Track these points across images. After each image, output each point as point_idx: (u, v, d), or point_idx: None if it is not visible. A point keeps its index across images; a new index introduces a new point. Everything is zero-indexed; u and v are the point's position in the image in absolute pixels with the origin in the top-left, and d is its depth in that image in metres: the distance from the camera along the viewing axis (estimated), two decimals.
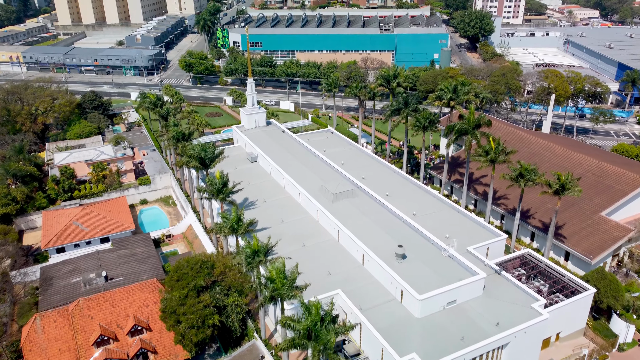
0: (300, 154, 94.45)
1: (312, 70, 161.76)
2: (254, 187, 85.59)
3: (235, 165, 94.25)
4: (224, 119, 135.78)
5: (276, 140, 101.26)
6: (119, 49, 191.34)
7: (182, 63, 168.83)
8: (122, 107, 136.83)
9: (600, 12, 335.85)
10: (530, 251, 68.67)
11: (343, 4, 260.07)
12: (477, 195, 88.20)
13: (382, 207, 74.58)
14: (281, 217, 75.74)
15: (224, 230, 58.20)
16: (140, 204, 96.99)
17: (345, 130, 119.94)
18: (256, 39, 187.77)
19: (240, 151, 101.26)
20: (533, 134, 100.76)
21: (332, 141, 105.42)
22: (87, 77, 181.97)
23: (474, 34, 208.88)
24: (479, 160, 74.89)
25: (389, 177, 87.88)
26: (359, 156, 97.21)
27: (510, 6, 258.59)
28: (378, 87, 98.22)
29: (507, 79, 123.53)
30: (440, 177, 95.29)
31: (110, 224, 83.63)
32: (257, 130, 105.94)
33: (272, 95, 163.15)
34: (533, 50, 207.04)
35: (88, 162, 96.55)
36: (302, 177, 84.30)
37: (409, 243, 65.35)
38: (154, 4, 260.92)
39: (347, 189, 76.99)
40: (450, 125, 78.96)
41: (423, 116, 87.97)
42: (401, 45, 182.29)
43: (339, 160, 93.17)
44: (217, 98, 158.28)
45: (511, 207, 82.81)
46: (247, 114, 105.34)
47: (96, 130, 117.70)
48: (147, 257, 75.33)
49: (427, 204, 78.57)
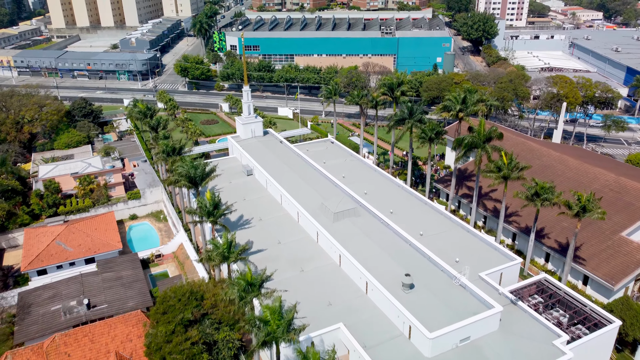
0: (298, 167, 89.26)
1: (311, 75, 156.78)
2: (249, 204, 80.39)
3: (230, 179, 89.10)
4: (220, 127, 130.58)
5: (273, 151, 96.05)
6: (112, 53, 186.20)
7: (177, 68, 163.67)
8: (113, 114, 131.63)
9: (604, 14, 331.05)
10: (547, 276, 63.41)
11: (343, 6, 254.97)
12: (487, 212, 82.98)
13: (387, 228, 69.34)
14: (278, 238, 70.52)
15: (214, 258, 52.95)
16: (130, 219, 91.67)
17: (345, 139, 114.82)
18: (254, 42, 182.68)
19: (236, 163, 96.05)
20: (544, 144, 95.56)
21: (332, 152, 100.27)
22: (79, 82, 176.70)
23: (477, 37, 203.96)
24: (491, 176, 69.74)
25: (392, 192, 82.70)
26: (361, 168, 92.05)
27: (514, 8, 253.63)
28: (381, 95, 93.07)
29: (515, 85, 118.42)
30: (447, 190, 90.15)
31: (96, 244, 78.33)
32: (253, 140, 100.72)
33: (270, 101, 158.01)
34: (538, 54, 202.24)
35: (74, 176, 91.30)
36: (301, 192, 79.13)
37: (416, 269, 60.15)
38: (150, 6, 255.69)
39: (348, 208, 71.73)
40: (459, 139, 73.78)
41: (429, 127, 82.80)
42: (403, 48, 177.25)
43: (339, 173, 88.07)
44: (213, 104, 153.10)
45: (523, 225, 77.62)
46: (242, 123, 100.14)
47: (85, 139, 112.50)
48: (133, 280, 70.11)
49: (434, 222, 73.36)
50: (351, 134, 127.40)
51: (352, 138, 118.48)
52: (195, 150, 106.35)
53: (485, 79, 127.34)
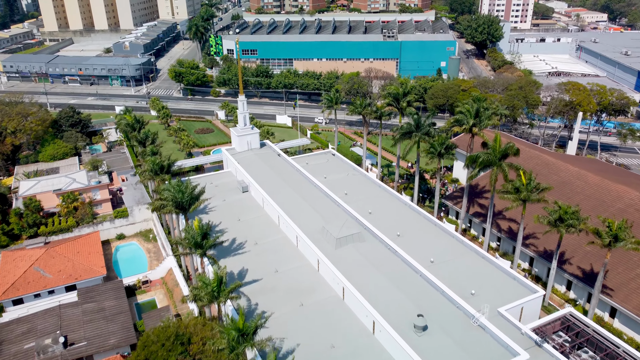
0: (297, 183, 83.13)
1: (311, 81, 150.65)
2: (244, 225, 74.24)
3: (224, 196, 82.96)
4: (215, 136, 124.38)
5: (271, 165, 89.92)
6: (105, 58, 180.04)
7: (171, 73, 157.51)
8: (103, 123, 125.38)
9: (609, 15, 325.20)
10: (572, 311, 57.34)
11: (343, 8, 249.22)
12: (501, 232, 76.82)
13: (394, 255, 63.21)
14: (275, 265, 64.34)
15: (201, 297, 46.79)
16: (117, 239, 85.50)
17: (347, 150, 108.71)
18: (251, 46, 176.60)
19: (230, 178, 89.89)
20: (560, 157, 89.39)
21: (334, 165, 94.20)
22: (70, 88, 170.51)
23: (482, 40, 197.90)
24: (508, 198, 63.60)
25: (398, 211, 76.65)
26: (364, 184, 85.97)
27: (518, 10, 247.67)
28: (386, 106, 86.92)
29: (525, 92, 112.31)
30: (457, 208, 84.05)
31: (78, 269, 72.13)
32: (249, 153, 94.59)
33: (268, 108, 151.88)
34: (544, 57, 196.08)
35: (57, 192, 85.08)
36: (300, 213, 73.02)
37: (429, 306, 54.03)
38: (145, 8, 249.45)
39: (352, 233, 65.55)
40: (473, 157, 67.65)
41: (438, 142, 76.68)
42: (406, 53, 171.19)
43: (341, 190, 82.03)
44: (209, 111, 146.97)
45: (541, 248, 71.49)
46: (238, 135, 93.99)
47: (72, 151, 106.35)
48: (117, 312, 63.91)
49: (445, 247, 67.25)
50: (353, 143, 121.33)
51: (354, 149, 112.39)
52: (188, 163, 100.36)
53: (494, 86, 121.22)
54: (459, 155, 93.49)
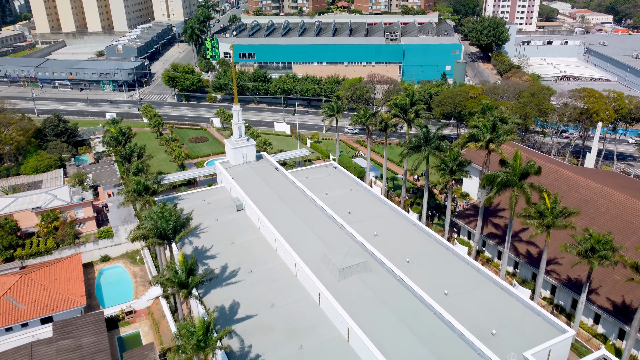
0: (296, 201, 76.62)
1: (310, 86, 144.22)
2: (238, 249, 67.73)
3: (217, 215, 76.46)
4: (210, 146, 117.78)
5: (267, 180, 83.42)
6: (96, 61, 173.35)
7: (165, 77, 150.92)
8: (91, 132, 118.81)
9: (614, 16, 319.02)
10: (606, 354, 50.80)
11: (344, 10, 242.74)
12: (519, 257, 70.27)
13: (403, 287, 56.71)
14: (271, 299, 57.79)
15: (185, 349, 40.20)
16: (101, 261, 78.89)
17: (349, 161, 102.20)
18: (249, 49, 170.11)
19: (224, 194, 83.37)
20: (579, 172, 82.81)
21: (335, 179, 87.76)
22: (60, 93, 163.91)
23: (487, 43, 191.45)
24: (531, 224, 57.10)
25: (407, 233, 70.19)
26: (368, 201, 79.49)
27: (523, 12, 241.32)
28: (392, 117, 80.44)
29: (539, 100, 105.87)
30: (469, 228, 77.54)
31: (55, 299, 65.57)
32: (244, 167, 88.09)
33: (266, 115, 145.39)
34: (552, 61, 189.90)
35: (37, 211, 78.50)
36: (299, 236, 66.60)
37: (445, 350, 47.55)
38: (140, 10, 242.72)
39: (357, 262, 59.00)
40: (490, 176, 61.13)
41: (450, 157, 70.24)
42: (409, 56, 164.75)
43: (344, 208, 75.64)
44: (204, 118, 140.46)
45: (565, 275, 65.00)
46: (233, 147, 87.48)
47: (57, 162, 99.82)
48: (96, 351, 57.41)
49: (459, 275, 60.79)
50: (355, 153, 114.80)
51: (356, 160, 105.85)
52: (179, 176, 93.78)
53: (504, 93, 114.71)
54: (472, 169, 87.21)
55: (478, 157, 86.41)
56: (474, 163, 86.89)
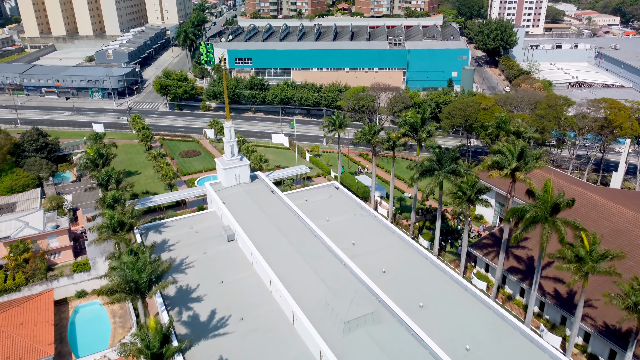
0: (294, 231, 68.56)
1: (310, 95, 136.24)
2: (228, 289, 59.71)
3: (206, 246, 68.45)
4: (202, 161, 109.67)
5: (262, 206, 75.32)
6: (85, 68, 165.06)
7: (156, 85, 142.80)
8: (74, 145, 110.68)
9: (621, 18, 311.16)
10: None
11: (344, 12, 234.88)
12: (545, 296, 62.13)
13: (419, 344, 48.64)
14: (266, 356, 49.67)
15: None
16: (77, 297, 70.71)
17: (352, 180, 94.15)
18: (245, 55, 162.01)
19: (214, 221, 75.30)
20: (608, 195, 74.55)
21: (337, 202, 79.81)
22: (47, 101, 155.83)
23: (495, 47, 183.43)
24: (567, 269, 49.01)
25: (418, 269, 62.32)
26: (374, 229, 71.54)
27: (530, 14, 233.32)
28: (401, 136, 72.30)
29: (557, 111, 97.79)
30: (487, 260, 69.38)
31: (19, 349, 57.41)
32: (237, 189, 80.00)
33: (263, 124, 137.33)
34: (562, 66, 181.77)
35: (5, 241, 70.47)
36: (297, 276, 58.61)
37: None
38: (133, 13, 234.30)
39: (364, 313, 50.88)
40: (516, 210, 53.04)
41: (467, 183, 62.21)
42: (414, 62, 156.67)
43: (347, 238, 67.78)
44: (197, 129, 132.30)
45: (601, 321, 56.83)
46: (224, 168, 79.41)
47: (34, 181, 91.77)
48: None
49: (481, 323, 52.82)
50: (358, 169, 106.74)
51: (360, 178, 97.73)
52: (167, 198, 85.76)
53: (518, 103, 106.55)
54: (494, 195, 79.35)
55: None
56: (492, 185, 78.94)
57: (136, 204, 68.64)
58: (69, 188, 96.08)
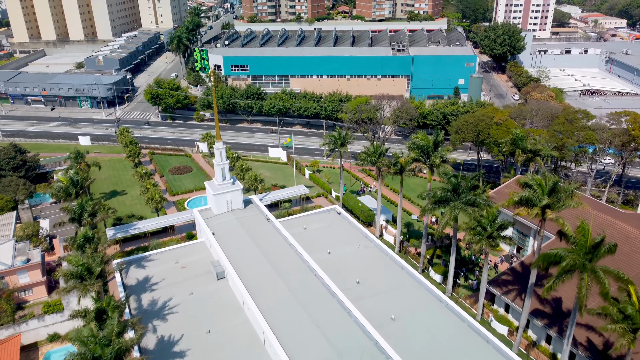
0: (291, 269, 61.03)
1: (309, 104, 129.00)
2: (215, 341, 52.22)
3: (193, 285, 61.03)
4: (193, 178, 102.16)
5: (256, 238, 67.77)
6: (73, 75, 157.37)
7: (147, 94, 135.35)
8: (56, 162, 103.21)
9: (628, 21, 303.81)
10: None
11: (345, 15, 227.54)
12: (577, 347, 54.62)
13: None
14: None
15: None
16: (48, 341, 63.18)
17: (355, 201, 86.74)
18: (242, 61, 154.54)
19: (203, 253, 67.82)
20: (636, 222, 67.23)
21: (339, 230, 72.42)
22: (33, 110, 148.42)
23: (502, 52, 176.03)
24: (613, 330, 41.56)
25: (433, 315, 54.92)
26: (381, 264, 64.14)
27: (537, 17, 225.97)
28: (411, 161, 64.75)
29: (576, 127, 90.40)
30: (508, 300, 61.83)
31: None
32: (229, 217, 72.49)
33: (260, 136, 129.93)
34: (572, 72, 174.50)
35: None
36: (295, 328, 51.13)
37: None
38: (126, 17, 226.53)
39: None
40: (549, 256, 45.55)
41: (488, 218, 54.75)
42: (418, 69, 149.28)
43: (352, 275, 60.57)
44: (190, 141, 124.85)
45: None
46: (215, 193, 71.90)
47: (10, 204, 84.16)
48: None
49: None
50: (362, 187, 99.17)
51: (363, 199, 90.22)
52: (152, 224, 78.25)
53: (532, 117, 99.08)
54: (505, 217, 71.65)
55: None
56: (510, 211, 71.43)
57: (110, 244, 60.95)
58: (48, 211, 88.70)
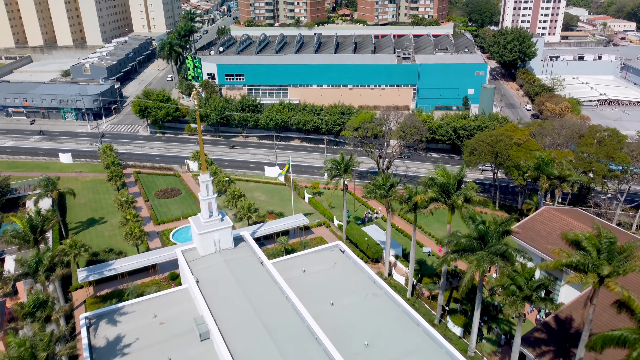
0: (288, 331, 51.56)
1: (309, 117, 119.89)
2: None
3: (172, 349, 51.47)
4: (181, 203, 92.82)
5: (247, 288, 58.24)
6: (57, 85, 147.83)
7: (135, 107, 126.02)
8: (29, 185, 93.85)
9: (637, 24, 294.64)
10: None
11: (346, 19, 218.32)
12: None
13: None
14: None
15: None
16: None
17: (360, 234, 77.48)
18: (237, 70, 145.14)
19: (186, 304, 58.31)
20: None
21: (343, 273, 62.93)
22: (14, 123, 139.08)
23: (512, 59, 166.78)
24: None
25: None
26: (392, 319, 54.52)
27: (546, 21, 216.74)
28: (429, 201, 55.22)
29: (607, 149, 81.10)
30: None
31: None
32: (216, 259, 63.04)
33: (255, 152, 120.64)
34: (587, 80, 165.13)
35: None
36: None
37: None
38: (117, 21, 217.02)
39: None
40: (609, 338, 36.19)
41: (524, 277, 45.37)
42: (425, 78, 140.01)
43: (358, 335, 51.17)
44: (180, 158, 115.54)
45: None
46: (200, 232, 62.40)
47: None
48: None
49: None
50: (366, 214, 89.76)
51: (369, 229, 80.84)
52: (131, 263, 68.93)
53: (554, 135, 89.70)
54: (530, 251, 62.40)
55: (538, 236, 61.57)
56: (535, 247, 62.20)
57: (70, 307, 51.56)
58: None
